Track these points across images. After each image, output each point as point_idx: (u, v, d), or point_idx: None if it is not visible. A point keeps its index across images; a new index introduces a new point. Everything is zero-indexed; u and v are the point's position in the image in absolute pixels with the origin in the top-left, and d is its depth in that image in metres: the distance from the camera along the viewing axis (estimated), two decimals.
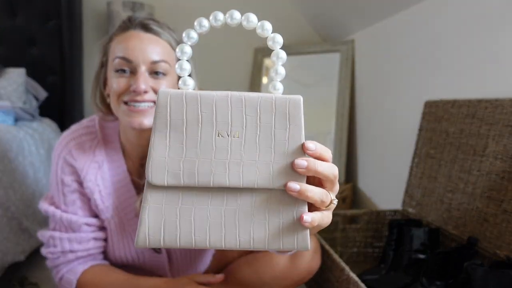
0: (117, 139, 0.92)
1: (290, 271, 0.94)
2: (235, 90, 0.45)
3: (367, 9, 1.93)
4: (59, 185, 0.89)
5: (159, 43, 0.81)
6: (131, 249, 0.93)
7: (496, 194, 1.08)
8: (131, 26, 0.81)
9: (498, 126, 1.12)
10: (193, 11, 2.38)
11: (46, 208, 0.91)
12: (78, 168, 0.87)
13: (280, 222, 0.44)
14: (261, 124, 0.45)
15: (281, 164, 0.44)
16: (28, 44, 2.10)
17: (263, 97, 0.46)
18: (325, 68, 2.26)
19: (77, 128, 0.92)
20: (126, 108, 0.80)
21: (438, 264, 1.08)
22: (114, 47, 0.82)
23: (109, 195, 0.89)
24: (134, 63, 0.79)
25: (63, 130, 2.01)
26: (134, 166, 0.93)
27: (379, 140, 1.92)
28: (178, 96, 0.44)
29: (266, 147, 0.44)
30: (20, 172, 1.40)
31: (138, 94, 0.78)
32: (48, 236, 0.90)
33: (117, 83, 0.79)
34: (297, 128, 0.46)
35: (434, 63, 1.51)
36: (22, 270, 1.46)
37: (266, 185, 0.44)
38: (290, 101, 0.46)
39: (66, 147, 0.89)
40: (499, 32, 1.21)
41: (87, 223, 0.90)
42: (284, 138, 0.45)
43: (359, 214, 1.50)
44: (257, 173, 0.44)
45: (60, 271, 0.90)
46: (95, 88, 0.89)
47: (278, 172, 0.44)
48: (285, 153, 0.45)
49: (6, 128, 1.46)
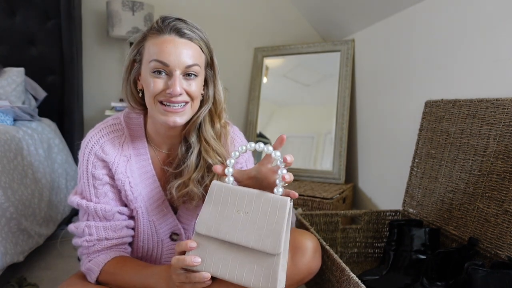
0: (143, 134, 0.99)
1: (291, 271, 0.95)
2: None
3: (367, 9, 1.93)
4: (90, 179, 0.96)
5: (191, 47, 0.88)
6: (153, 237, 1.02)
7: (497, 195, 1.07)
8: (166, 30, 0.87)
9: (499, 126, 1.11)
10: (192, 10, 2.38)
11: (78, 201, 0.97)
12: (109, 162, 0.95)
13: (257, 269, 0.73)
14: (261, 210, 0.75)
15: (267, 236, 0.73)
16: (27, 43, 2.09)
17: (266, 195, 0.76)
18: (325, 67, 2.26)
19: (104, 126, 0.98)
20: (162, 108, 0.87)
21: (439, 264, 1.07)
22: (149, 49, 0.87)
23: (137, 186, 0.97)
24: (170, 67, 0.85)
25: (62, 130, 2.01)
26: (160, 156, 1.00)
27: (380, 140, 1.92)
28: (220, 187, 0.79)
29: (261, 224, 0.74)
30: (19, 172, 1.39)
31: (174, 96, 0.85)
32: (84, 226, 0.96)
33: (154, 84, 0.86)
34: (281, 217, 0.74)
35: (435, 63, 1.50)
36: (21, 270, 1.46)
37: (256, 247, 0.73)
38: (281, 200, 0.75)
39: (97, 144, 0.95)
40: (500, 32, 1.21)
41: (119, 212, 0.97)
42: (273, 221, 0.74)
43: (359, 215, 1.50)
44: (252, 238, 0.74)
45: (90, 259, 0.96)
46: (126, 82, 0.95)
47: (264, 240, 0.73)
48: (270, 230, 0.73)
49: (5, 128, 1.45)
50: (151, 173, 0.99)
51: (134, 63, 0.93)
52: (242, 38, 2.50)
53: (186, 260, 0.76)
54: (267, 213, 0.74)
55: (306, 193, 1.85)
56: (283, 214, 0.73)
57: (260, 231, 0.73)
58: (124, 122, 0.99)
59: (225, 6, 2.45)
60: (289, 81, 2.36)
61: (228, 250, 0.75)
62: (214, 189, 0.79)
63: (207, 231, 0.76)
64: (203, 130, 0.95)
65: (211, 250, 0.76)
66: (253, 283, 0.73)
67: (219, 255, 0.75)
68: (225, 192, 0.78)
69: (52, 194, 1.63)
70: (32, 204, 1.42)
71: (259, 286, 0.72)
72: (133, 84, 0.94)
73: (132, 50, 0.92)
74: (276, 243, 0.72)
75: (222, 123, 0.98)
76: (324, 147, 2.17)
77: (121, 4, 2.07)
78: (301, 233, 1.03)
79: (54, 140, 1.81)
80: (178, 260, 0.77)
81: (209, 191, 0.79)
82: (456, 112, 1.29)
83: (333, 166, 2.11)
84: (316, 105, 2.26)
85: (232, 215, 0.76)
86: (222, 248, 0.76)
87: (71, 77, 2.06)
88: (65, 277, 1.31)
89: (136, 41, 0.92)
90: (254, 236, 0.73)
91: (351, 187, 2.08)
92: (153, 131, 0.99)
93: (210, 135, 0.95)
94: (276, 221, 0.73)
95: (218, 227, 0.76)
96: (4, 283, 1.32)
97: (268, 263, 0.73)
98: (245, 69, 2.51)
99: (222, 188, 0.79)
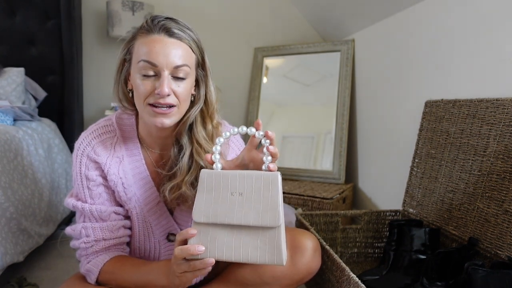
0: (135, 135, 0.99)
1: (290, 271, 0.96)
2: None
3: (367, 9, 1.93)
4: (84, 181, 0.96)
5: (181, 47, 0.86)
6: (150, 238, 1.02)
7: (497, 195, 1.07)
8: (155, 29, 0.86)
9: (499, 126, 1.11)
10: (192, 10, 2.38)
11: (74, 203, 0.97)
12: (101, 163, 0.95)
13: (260, 244, 0.75)
14: (254, 188, 0.77)
15: (265, 211, 0.75)
16: (27, 43, 2.09)
17: (256, 173, 0.77)
18: (325, 67, 2.26)
19: (96, 128, 0.98)
20: (151, 109, 0.86)
21: (439, 264, 1.07)
22: (138, 48, 0.86)
23: (130, 187, 0.97)
24: (158, 67, 0.84)
25: (62, 130, 2.01)
26: (153, 157, 1.00)
27: (380, 140, 1.92)
28: (210, 174, 0.79)
29: (257, 201, 0.76)
30: (19, 172, 1.39)
31: (162, 97, 0.84)
32: (80, 228, 0.96)
33: (143, 86, 0.85)
34: (275, 191, 0.76)
35: (435, 63, 1.50)
36: (21, 270, 1.46)
37: (256, 224, 0.75)
38: (271, 176, 0.76)
39: (89, 145, 0.95)
40: (500, 32, 1.21)
41: (115, 212, 0.98)
42: (268, 196, 0.76)
43: (359, 215, 1.50)
44: (251, 216, 0.75)
45: (89, 261, 0.95)
46: (117, 83, 0.94)
47: (263, 216, 0.75)
48: (267, 205, 0.76)
49: (5, 128, 1.45)
50: (145, 173, 0.98)
51: (125, 62, 0.92)
52: (242, 38, 2.50)
53: (190, 249, 0.75)
54: (260, 189, 0.76)
55: (306, 193, 1.85)
56: (277, 188, 0.75)
57: (257, 208, 0.75)
58: (116, 123, 0.99)
59: (225, 6, 2.45)
60: (289, 81, 2.36)
61: (229, 232, 0.77)
62: (204, 176, 0.80)
63: (206, 219, 0.77)
64: (195, 131, 0.94)
65: (213, 236, 0.77)
66: (260, 259, 0.75)
67: (221, 239, 0.76)
68: (215, 178, 0.79)
69: (52, 194, 1.63)
70: (32, 204, 1.42)
71: (266, 260, 0.75)
72: (124, 84, 0.93)
73: (122, 50, 0.91)
74: (275, 216, 0.75)
75: (214, 124, 0.96)
76: (324, 147, 2.17)
77: (121, 4, 2.07)
78: (301, 233, 1.03)
79: (54, 140, 1.81)
80: (181, 250, 0.75)
81: (200, 180, 0.80)
82: (456, 112, 1.29)
83: (333, 166, 2.11)
84: (316, 105, 2.26)
85: (227, 199, 0.77)
86: (223, 231, 0.77)
87: (71, 77, 2.06)
88: (65, 277, 1.32)
89: (126, 41, 0.91)
90: (253, 214, 0.75)
91: (351, 187, 2.08)
92: (144, 132, 0.98)
93: (201, 136, 0.94)
94: (271, 196, 0.75)
95: (215, 213, 0.77)
96: (4, 283, 1.32)
97: (271, 236, 0.75)
98: (245, 69, 2.51)
99: (212, 175, 0.79)
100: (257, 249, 0.75)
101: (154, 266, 0.89)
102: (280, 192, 0.76)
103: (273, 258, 0.75)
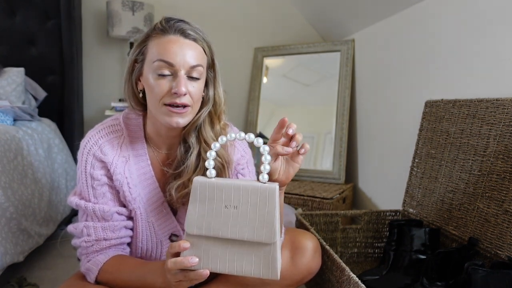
0: (142, 135, 0.99)
1: (291, 271, 0.96)
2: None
3: (367, 9, 1.93)
4: (88, 180, 0.96)
5: (196, 48, 0.88)
6: (152, 238, 1.02)
7: (497, 195, 1.07)
8: (170, 30, 0.87)
9: (499, 126, 1.11)
10: (192, 10, 2.38)
11: (77, 202, 0.97)
12: (108, 162, 0.95)
13: (255, 259, 0.74)
14: (250, 202, 0.73)
15: (261, 227, 0.72)
16: (27, 43, 2.09)
17: (252, 185, 0.73)
18: (325, 67, 2.26)
19: (103, 127, 0.98)
20: (167, 109, 0.87)
21: (439, 264, 1.07)
22: (153, 48, 0.87)
23: (135, 187, 0.97)
24: (175, 67, 0.86)
25: (62, 130, 2.01)
26: (159, 157, 1.00)
27: (380, 140, 1.92)
28: (203, 183, 0.75)
29: (253, 216, 0.73)
30: (19, 172, 1.39)
31: (179, 96, 0.85)
32: (82, 226, 0.96)
33: (159, 86, 0.86)
34: (272, 206, 0.72)
35: (435, 63, 1.50)
36: (21, 270, 1.46)
37: (251, 239, 0.73)
38: (269, 189, 0.72)
39: (96, 144, 0.96)
40: (500, 32, 1.21)
41: (118, 212, 0.97)
42: (264, 212, 0.72)
43: (359, 215, 1.50)
44: (246, 231, 0.73)
45: (89, 260, 0.96)
46: (127, 82, 0.95)
47: (258, 232, 0.72)
48: (263, 221, 0.72)
49: (5, 128, 1.45)
50: (150, 174, 0.99)
51: (136, 63, 0.93)
52: (242, 38, 2.50)
53: (183, 262, 0.74)
54: (256, 204, 0.72)
55: (306, 193, 1.85)
56: (273, 203, 0.72)
57: (253, 223, 0.73)
58: (123, 123, 0.99)
59: (225, 6, 2.45)
60: (289, 81, 2.36)
61: (223, 245, 0.74)
62: (197, 186, 0.75)
63: (198, 231, 0.74)
64: (203, 131, 0.95)
65: (206, 248, 0.75)
66: (254, 272, 0.74)
67: (214, 251, 0.75)
68: (209, 188, 0.74)
69: (52, 194, 1.63)
70: (32, 204, 1.42)
71: (260, 274, 0.74)
72: (135, 85, 0.94)
73: (134, 50, 0.92)
74: (271, 232, 0.72)
75: (221, 125, 0.98)
76: (324, 147, 2.17)
77: (121, 4, 2.07)
78: (301, 233, 1.03)
79: (54, 140, 1.81)
80: (175, 263, 0.75)
81: (193, 189, 0.76)
82: (456, 112, 1.29)
83: (333, 166, 2.11)
84: (316, 105, 2.26)
85: (221, 211, 0.74)
86: (217, 243, 0.75)
87: (71, 77, 2.06)
88: (65, 277, 1.32)
89: (139, 41, 0.92)
90: (248, 229, 0.73)
91: (351, 187, 2.08)
92: (152, 132, 0.99)
93: (209, 136, 0.95)
94: (268, 212, 0.72)
95: (208, 225, 0.74)
96: (4, 283, 1.32)
97: (266, 252, 0.73)
98: (245, 69, 2.51)
99: (206, 184, 0.75)
100: (252, 263, 0.74)
101: (152, 268, 0.89)
102: (277, 206, 0.73)
103: (267, 272, 0.74)
